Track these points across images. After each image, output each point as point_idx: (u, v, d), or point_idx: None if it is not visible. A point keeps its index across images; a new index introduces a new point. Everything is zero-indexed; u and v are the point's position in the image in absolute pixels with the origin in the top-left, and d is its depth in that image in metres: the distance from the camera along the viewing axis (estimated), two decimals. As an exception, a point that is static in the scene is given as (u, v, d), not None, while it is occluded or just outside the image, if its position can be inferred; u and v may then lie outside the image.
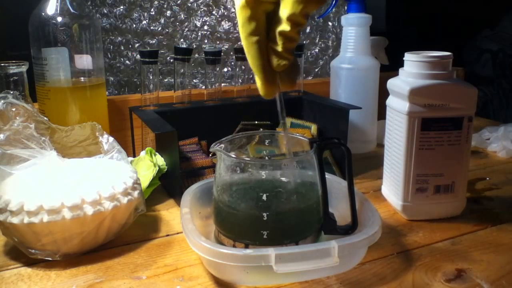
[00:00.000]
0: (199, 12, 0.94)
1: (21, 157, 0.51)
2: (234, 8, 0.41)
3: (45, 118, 0.59)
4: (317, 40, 1.06)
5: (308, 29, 1.04)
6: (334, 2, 0.87)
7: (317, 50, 1.06)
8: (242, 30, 0.40)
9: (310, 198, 0.47)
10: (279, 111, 0.44)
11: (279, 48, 0.39)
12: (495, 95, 1.69)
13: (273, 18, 0.39)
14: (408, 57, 0.56)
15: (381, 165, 0.63)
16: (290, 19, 0.38)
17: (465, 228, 0.55)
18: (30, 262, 0.48)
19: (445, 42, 1.54)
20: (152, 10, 0.92)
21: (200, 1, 0.94)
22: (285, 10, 0.38)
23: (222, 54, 0.78)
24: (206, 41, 0.96)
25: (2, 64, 0.63)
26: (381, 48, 0.96)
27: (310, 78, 1.06)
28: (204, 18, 0.95)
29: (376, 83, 0.84)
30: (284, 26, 0.38)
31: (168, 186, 0.67)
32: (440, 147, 0.55)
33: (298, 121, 0.78)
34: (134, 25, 0.91)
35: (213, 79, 0.79)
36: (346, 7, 0.91)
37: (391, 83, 0.58)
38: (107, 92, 0.80)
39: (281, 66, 0.40)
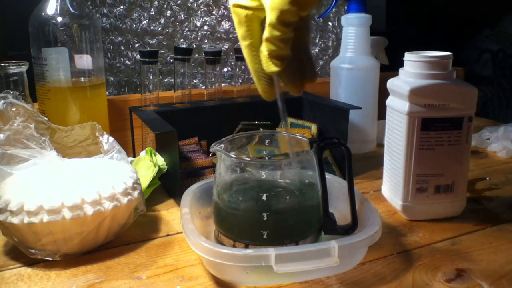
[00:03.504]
0: (199, 12, 0.94)
1: (21, 157, 0.51)
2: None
3: (45, 118, 0.59)
4: (317, 40, 1.06)
5: (308, 29, 1.04)
6: (334, 2, 0.87)
7: (317, 50, 1.06)
8: (237, 32, 0.42)
9: (310, 198, 0.47)
10: (280, 111, 0.45)
11: (266, 53, 0.40)
12: (495, 95, 1.69)
13: None
14: (408, 57, 0.56)
15: (381, 165, 0.63)
16: (270, 25, 0.39)
17: (465, 228, 0.55)
18: (30, 262, 0.48)
19: (445, 42, 1.54)
20: (152, 10, 0.92)
21: (200, 1, 0.94)
22: (267, 17, 0.39)
23: (222, 54, 0.78)
24: (206, 41, 0.96)
25: (2, 64, 0.63)
26: (381, 48, 0.96)
27: (310, 78, 1.06)
28: (204, 18, 0.95)
29: (376, 83, 0.84)
30: (266, 32, 0.40)
31: (168, 186, 0.67)
32: (440, 147, 0.55)
33: (298, 121, 0.78)
34: (134, 25, 0.91)
35: (213, 79, 0.79)
36: (346, 7, 0.91)
37: (391, 83, 0.58)
38: (107, 92, 0.80)
39: (272, 72, 0.41)
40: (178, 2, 0.93)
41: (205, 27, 0.95)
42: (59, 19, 0.67)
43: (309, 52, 0.44)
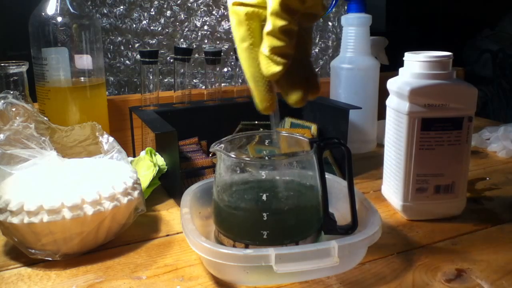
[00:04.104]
0: (199, 12, 0.94)
1: (21, 157, 0.51)
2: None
3: (45, 118, 0.59)
4: (317, 40, 1.06)
5: (308, 29, 1.04)
6: (334, 2, 0.87)
7: (317, 50, 1.06)
8: (234, 35, 0.39)
9: (310, 198, 0.47)
10: (272, 124, 0.43)
11: (266, 50, 0.37)
12: (495, 95, 1.69)
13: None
14: (408, 57, 0.56)
15: (381, 165, 0.63)
16: (272, 14, 0.36)
17: (465, 228, 0.55)
18: (30, 262, 0.48)
19: (445, 42, 1.54)
20: (152, 10, 0.92)
21: (200, 1, 0.94)
22: (269, 7, 0.36)
23: (222, 54, 0.78)
24: (206, 41, 0.96)
25: (2, 64, 0.63)
26: (381, 48, 0.96)
27: (310, 78, 1.06)
28: (204, 18, 0.95)
29: (376, 83, 0.84)
30: (268, 25, 0.36)
31: (168, 186, 0.67)
32: (440, 147, 0.55)
33: (298, 121, 0.78)
34: (134, 25, 0.91)
35: (213, 79, 0.79)
36: (346, 7, 0.91)
37: (391, 83, 0.58)
38: (107, 92, 0.80)
39: (272, 74, 0.37)
40: (178, 2, 0.93)
41: (205, 27, 0.95)
42: (59, 19, 0.67)
43: (311, 63, 0.41)
